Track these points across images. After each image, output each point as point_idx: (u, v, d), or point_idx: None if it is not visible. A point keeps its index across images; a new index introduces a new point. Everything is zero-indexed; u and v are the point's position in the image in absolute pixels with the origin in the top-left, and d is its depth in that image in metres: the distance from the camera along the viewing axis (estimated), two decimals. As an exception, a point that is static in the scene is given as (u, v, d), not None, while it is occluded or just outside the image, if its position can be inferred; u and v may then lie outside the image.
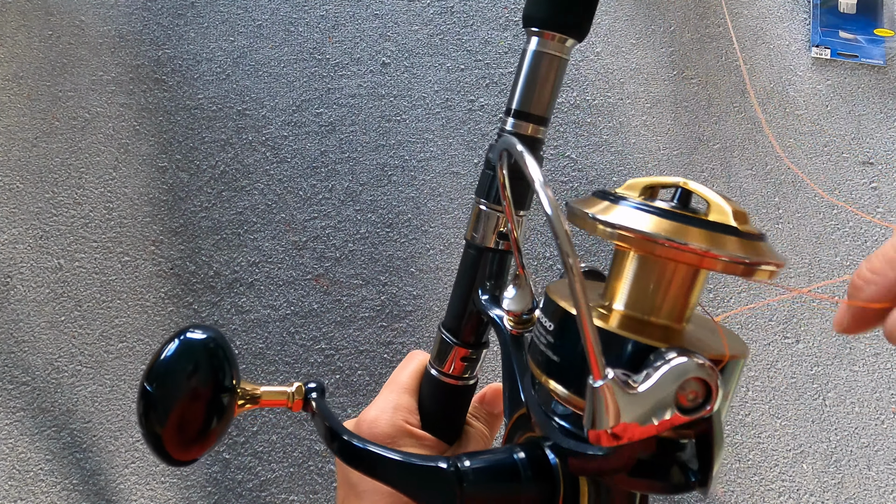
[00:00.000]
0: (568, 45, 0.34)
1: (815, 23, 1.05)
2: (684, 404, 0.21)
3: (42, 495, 0.81)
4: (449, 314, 0.38)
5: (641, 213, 0.22)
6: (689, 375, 0.20)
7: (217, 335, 0.29)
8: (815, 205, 0.99)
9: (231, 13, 0.95)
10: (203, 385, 0.27)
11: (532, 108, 0.34)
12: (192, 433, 0.27)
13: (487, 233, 0.36)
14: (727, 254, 0.22)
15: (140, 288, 0.87)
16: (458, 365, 0.38)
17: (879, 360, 0.95)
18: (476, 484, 0.25)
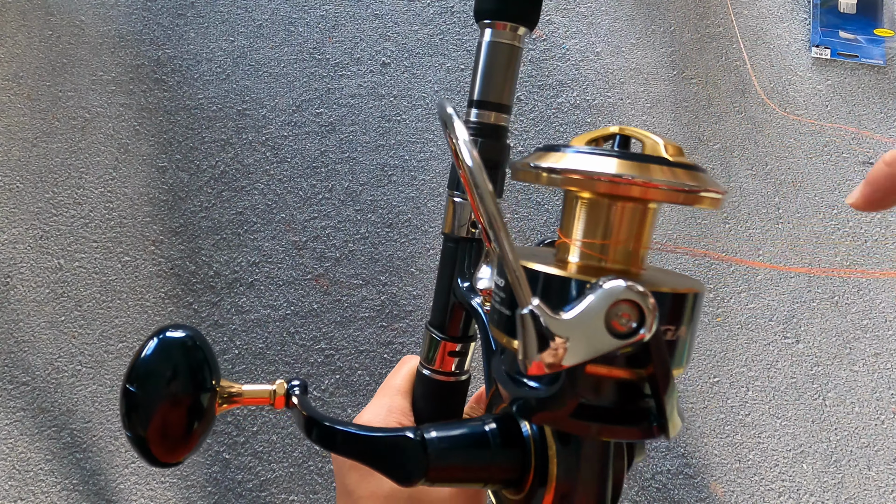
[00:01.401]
0: (520, 33, 0.35)
1: (815, 23, 1.05)
2: (619, 330, 0.20)
3: (42, 495, 0.81)
4: (434, 311, 0.38)
5: (582, 157, 0.23)
6: (617, 298, 0.20)
7: (195, 334, 0.28)
8: (815, 205, 0.99)
9: (231, 13, 0.95)
10: (183, 387, 0.27)
11: (492, 97, 0.35)
12: (175, 435, 0.27)
13: (463, 223, 0.36)
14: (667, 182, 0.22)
15: (140, 288, 0.87)
16: (446, 360, 0.38)
17: (879, 360, 0.95)
18: (442, 452, 0.25)
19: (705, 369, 0.93)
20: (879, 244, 0.99)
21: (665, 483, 0.88)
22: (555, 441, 0.25)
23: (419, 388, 0.39)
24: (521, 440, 0.26)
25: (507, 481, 0.26)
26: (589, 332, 0.21)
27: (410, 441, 0.25)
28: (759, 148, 1.00)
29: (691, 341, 0.24)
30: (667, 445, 0.89)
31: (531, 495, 0.26)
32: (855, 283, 0.98)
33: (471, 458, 0.26)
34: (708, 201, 0.23)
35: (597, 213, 0.25)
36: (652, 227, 0.25)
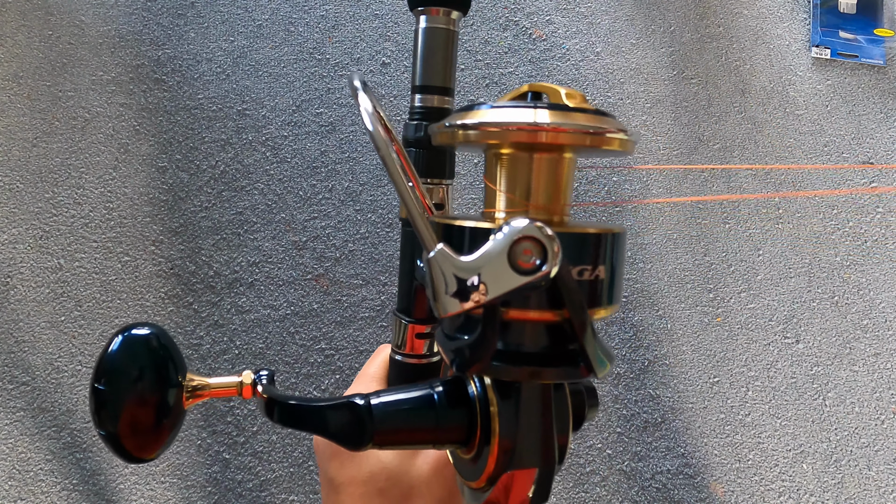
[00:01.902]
0: (454, 17, 0.35)
1: (815, 23, 1.05)
2: (524, 266, 0.21)
3: (42, 495, 0.81)
4: (399, 296, 0.39)
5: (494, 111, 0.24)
6: (518, 235, 0.21)
7: (159, 331, 0.29)
8: (815, 205, 0.99)
9: (231, 13, 0.95)
10: (149, 383, 0.28)
11: (434, 81, 0.36)
12: (145, 430, 0.27)
13: None
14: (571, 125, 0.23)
15: (140, 288, 0.87)
16: (415, 343, 0.38)
17: (879, 360, 0.95)
18: (387, 416, 0.26)
19: (705, 369, 0.93)
20: (879, 244, 0.99)
21: (665, 483, 0.88)
22: (496, 396, 0.25)
23: (392, 373, 0.40)
24: (468, 400, 0.26)
25: (456, 442, 0.27)
26: (495, 270, 0.21)
27: (357, 406, 0.26)
28: (759, 148, 1.00)
29: (615, 283, 0.25)
30: (667, 445, 0.89)
31: (478, 454, 0.26)
32: (855, 282, 0.98)
33: (417, 420, 0.26)
34: (616, 142, 0.24)
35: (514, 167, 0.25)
36: (570, 177, 0.26)
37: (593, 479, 0.87)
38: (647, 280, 0.94)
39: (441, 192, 0.36)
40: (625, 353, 0.92)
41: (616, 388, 0.91)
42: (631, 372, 0.91)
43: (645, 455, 0.89)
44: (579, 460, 0.88)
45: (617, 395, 0.90)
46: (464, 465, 0.28)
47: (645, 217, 0.96)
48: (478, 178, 0.94)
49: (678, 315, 0.94)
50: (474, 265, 0.21)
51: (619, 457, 0.89)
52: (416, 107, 0.36)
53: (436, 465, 0.33)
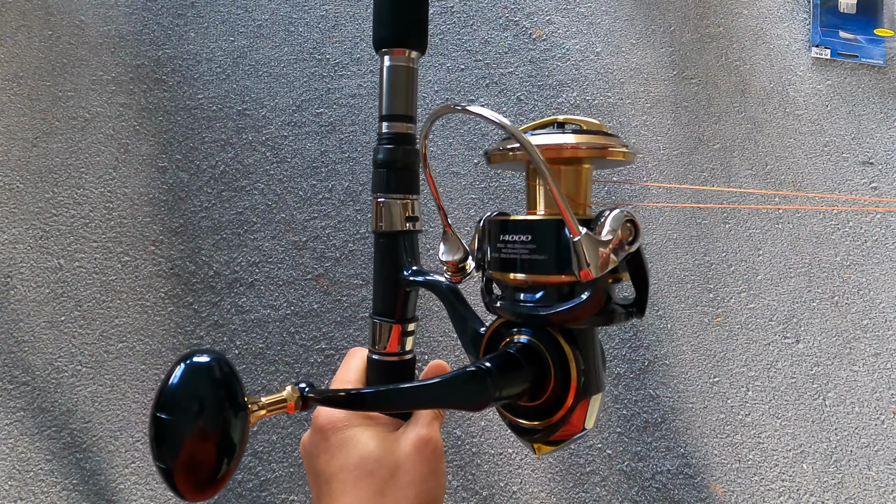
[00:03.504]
0: (413, 56, 0.42)
1: (815, 23, 1.05)
2: (626, 240, 0.31)
3: (42, 495, 0.81)
4: (377, 300, 0.43)
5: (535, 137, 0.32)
6: (624, 218, 0.31)
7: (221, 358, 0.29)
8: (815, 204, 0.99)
9: (231, 13, 0.95)
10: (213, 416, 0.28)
11: (399, 110, 0.42)
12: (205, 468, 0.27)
13: (395, 219, 0.42)
14: (586, 143, 0.32)
15: (140, 288, 0.87)
16: (397, 341, 0.42)
17: (879, 360, 0.95)
18: (502, 377, 0.32)
19: (705, 369, 0.93)
20: (879, 244, 0.99)
21: (665, 483, 0.88)
22: (572, 351, 0.33)
23: (373, 373, 0.43)
24: (537, 352, 0.34)
25: (533, 391, 0.34)
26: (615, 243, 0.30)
27: (483, 374, 0.32)
28: (759, 148, 1.00)
29: None
30: (667, 445, 0.89)
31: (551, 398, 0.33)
32: (855, 282, 0.98)
33: (516, 377, 0.33)
34: (619, 154, 0.33)
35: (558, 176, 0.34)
36: (589, 181, 0.35)
37: (593, 479, 0.87)
38: (647, 280, 0.94)
39: (413, 205, 0.42)
40: (625, 353, 0.92)
41: (616, 388, 0.91)
42: (631, 372, 0.91)
43: (645, 455, 0.89)
44: (579, 460, 0.88)
45: (617, 395, 0.90)
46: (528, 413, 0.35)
47: (645, 217, 0.96)
48: (477, 179, 0.94)
49: (678, 315, 0.94)
50: (605, 242, 0.30)
51: (619, 457, 0.89)
52: (384, 133, 0.42)
53: (416, 445, 0.37)
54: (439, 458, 0.38)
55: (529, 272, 0.33)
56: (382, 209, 0.41)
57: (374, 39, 0.42)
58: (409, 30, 0.41)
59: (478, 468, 0.85)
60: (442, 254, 0.39)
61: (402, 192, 0.41)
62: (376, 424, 0.39)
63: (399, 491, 0.36)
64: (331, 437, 0.38)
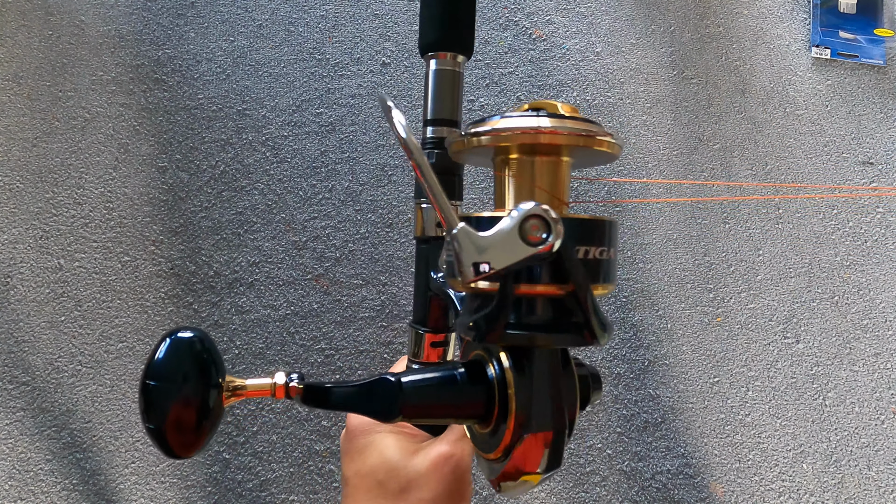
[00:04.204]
0: (459, 60, 0.41)
1: (815, 23, 1.05)
2: (532, 240, 0.25)
3: (42, 495, 0.81)
4: (415, 308, 0.43)
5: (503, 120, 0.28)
6: (527, 214, 0.25)
7: (203, 335, 0.31)
8: (815, 205, 0.99)
9: (231, 13, 0.95)
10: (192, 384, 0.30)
11: (444, 115, 0.41)
12: (188, 429, 0.29)
13: (430, 225, 0.41)
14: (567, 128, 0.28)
15: (140, 288, 0.87)
16: (430, 352, 0.42)
17: (879, 360, 0.95)
18: (415, 391, 0.30)
19: (705, 369, 0.93)
20: (879, 244, 0.99)
21: (665, 483, 0.88)
22: (512, 371, 0.29)
23: None
24: (486, 379, 0.30)
25: (475, 417, 0.31)
26: (509, 243, 0.25)
27: (389, 382, 0.30)
28: (759, 148, 1.00)
29: (612, 265, 0.30)
30: (667, 445, 0.89)
31: (496, 427, 0.30)
32: (855, 282, 0.98)
33: (441, 395, 0.30)
34: (606, 144, 0.29)
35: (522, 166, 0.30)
36: (567, 177, 0.31)
37: (593, 479, 0.87)
38: (647, 280, 0.94)
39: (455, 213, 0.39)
40: (625, 353, 0.92)
41: (616, 388, 0.91)
42: (631, 372, 0.91)
43: (645, 455, 0.89)
44: (579, 460, 0.88)
45: (617, 395, 0.90)
46: (482, 440, 0.32)
47: (645, 217, 0.96)
48: (477, 179, 0.94)
49: (678, 315, 0.94)
50: (491, 238, 0.25)
51: (619, 457, 0.89)
52: (428, 138, 0.41)
53: (434, 462, 0.35)
54: (460, 480, 0.35)
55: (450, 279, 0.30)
56: (422, 215, 0.41)
57: (420, 43, 0.42)
58: (457, 34, 0.41)
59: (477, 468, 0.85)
60: (441, 261, 0.38)
61: None
62: (402, 434, 0.38)
63: None
64: (355, 439, 0.37)
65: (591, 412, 0.90)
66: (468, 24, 0.41)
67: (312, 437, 0.85)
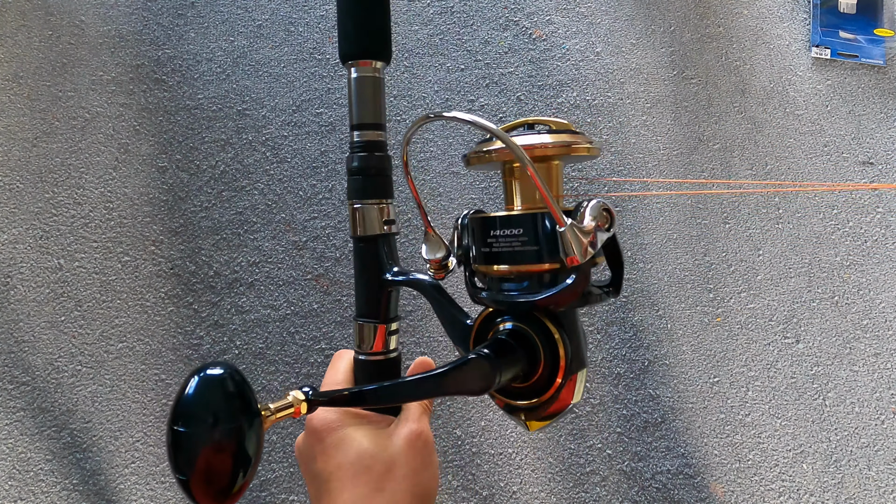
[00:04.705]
0: (378, 66, 0.44)
1: (815, 23, 1.05)
2: (603, 227, 0.33)
3: (42, 495, 0.81)
4: (361, 303, 0.44)
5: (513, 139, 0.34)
6: (601, 207, 0.33)
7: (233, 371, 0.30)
8: (815, 205, 0.99)
9: (231, 13, 0.95)
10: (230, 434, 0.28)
11: (368, 119, 0.43)
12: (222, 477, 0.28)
13: (373, 224, 0.43)
14: (555, 142, 0.35)
15: (140, 288, 0.87)
16: (382, 341, 0.44)
17: (879, 360, 0.95)
18: (500, 359, 0.34)
19: (705, 369, 0.93)
20: (879, 244, 0.99)
21: (665, 483, 0.88)
22: (559, 332, 0.35)
23: (361, 373, 0.44)
24: (526, 337, 0.36)
25: (525, 372, 0.36)
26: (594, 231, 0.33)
27: (486, 359, 0.34)
28: (759, 148, 1.00)
29: None
30: (667, 445, 0.89)
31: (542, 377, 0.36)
32: (855, 282, 0.98)
33: (512, 360, 0.35)
34: (584, 150, 0.36)
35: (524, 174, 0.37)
36: (560, 175, 0.38)
37: (593, 479, 0.87)
38: (647, 280, 0.94)
39: (389, 209, 0.43)
40: (625, 353, 0.92)
41: (616, 388, 0.91)
42: (631, 372, 0.91)
43: (645, 455, 0.89)
44: (579, 460, 0.88)
45: (617, 395, 0.90)
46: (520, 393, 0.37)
47: (645, 217, 0.96)
48: (477, 179, 0.94)
49: (678, 315, 0.94)
50: (587, 230, 0.33)
51: (619, 457, 0.89)
52: (355, 141, 0.43)
53: (408, 440, 0.39)
54: (431, 451, 0.40)
55: (516, 263, 0.36)
56: (359, 215, 0.43)
57: (339, 53, 0.44)
58: (373, 42, 0.43)
59: (478, 468, 0.85)
60: (425, 253, 0.41)
61: (377, 197, 0.43)
62: (368, 423, 0.40)
63: (395, 484, 0.37)
64: (326, 438, 0.39)
65: (592, 412, 0.90)
66: (384, 32, 0.44)
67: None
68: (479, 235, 0.37)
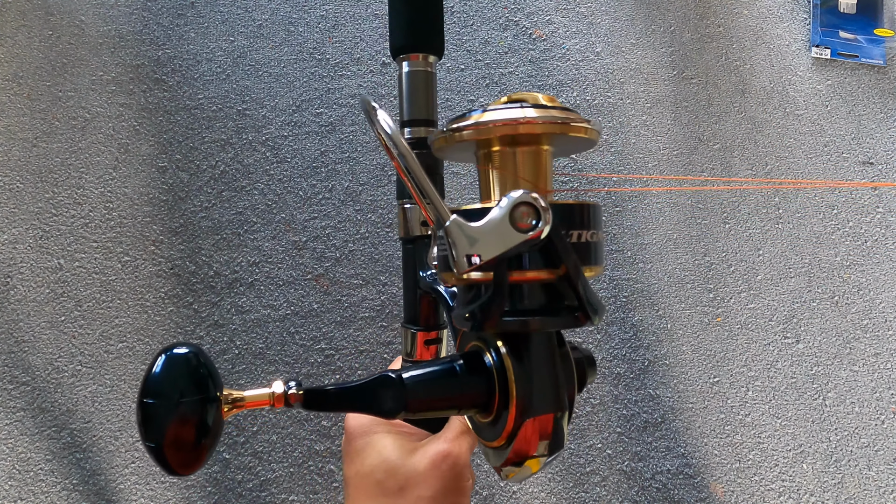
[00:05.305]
0: (431, 60, 0.41)
1: (815, 23, 1.05)
2: (523, 227, 0.26)
3: (42, 495, 0.81)
4: (405, 309, 0.43)
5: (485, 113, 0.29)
6: (517, 201, 0.26)
7: (198, 350, 0.31)
8: (815, 205, 0.99)
9: (231, 13, 0.95)
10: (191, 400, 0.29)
11: (419, 115, 0.41)
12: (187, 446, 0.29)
13: (415, 225, 0.41)
14: (543, 117, 0.28)
15: (140, 288, 0.87)
16: (423, 350, 0.42)
17: (879, 360, 0.95)
18: (417, 385, 0.30)
19: (705, 369, 0.93)
20: (879, 244, 0.99)
21: (665, 483, 0.88)
22: (511, 361, 0.29)
23: None
24: (485, 369, 0.30)
25: (476, 406, 0.31)
26: (500, 231, 0.26)
27: (391, 379, 0.30)
28: (759, 148, 1.00)
29: (599, 247, 0.30)
30: (667, 445, 0.89)
31: (498, 415, 0.30)
32: (855, 282, 0.98)
33: (443, 388, 0.30)
34: (582, 130, 0.29)
35: (505, 157, 0.31)
36: (549, 165, 0.31)
37: (593, 479, 0.87)
38: (647, 280, 0.94)
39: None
40: (625, 353, 0.92)
41: (616, 388, 0.91)
42: (631, 372, 0.91)
43: (645, 455, 0.89)
44: (579, 460, 0.88)
45: (617, 395, 0.90)
46: (484, 429, 0.32)
47: (645, 217, 0.96)
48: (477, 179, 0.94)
49: (678, 315, 0.94)
50: (483, 228, 0.26)
51: (619, 457, 0.89)
52: (406, 139, 0.41)
53: (433, 460, 0.35)
54: (458, 476, 0.35)
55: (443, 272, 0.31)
56: (405, 215, 0.42)
57: (391, 47, 0.42)
58: (426, 35, 0.42)
59: (478, 468, 0.85)
60: (430, 255, 0.38)
61: None
62: (400, 433, 0.38)
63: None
64: (354, 441, 0.38)
65: (592, 412, 0.90)
66: (437, 25, 0.42)
67: (312, 437, 0.85)
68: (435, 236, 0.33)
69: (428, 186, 0.27)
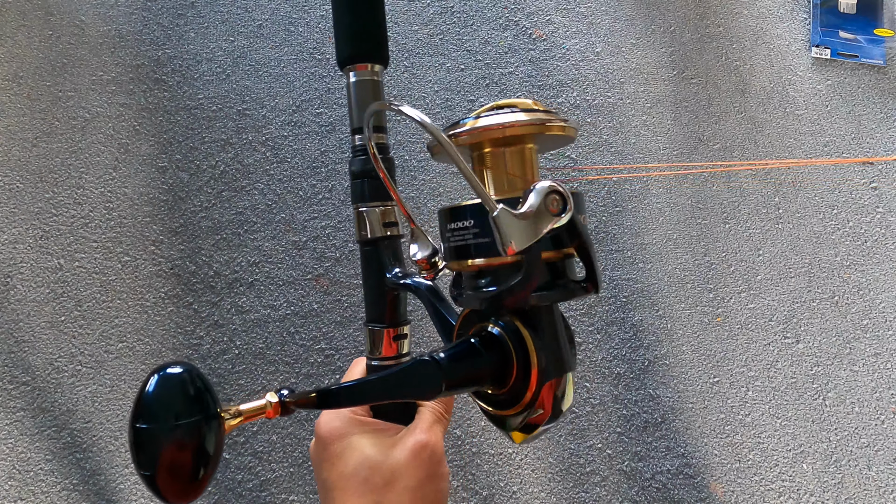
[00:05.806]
0: (377, 69, 0.43)
1: (815, 23, 1.05)
2: (553, 211, 0.30)
3: (42, 495, 0.81)
4: (368, 308, 0.45)
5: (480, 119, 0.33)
6: (548, 190, 0.30)
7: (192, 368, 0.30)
8: (815, 205, 0.99)
9: (231, 13, 0.95)
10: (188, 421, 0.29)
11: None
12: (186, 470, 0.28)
13: (375, 226, 0.44)
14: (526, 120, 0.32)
15: (140, 288, 0.87)
16: (391, 346, 0.44)
17: (879, 360, 0.95)
18: (452, 366, 0.32)
19: (705, 369, 0.93)
20: (879, 244, 0.99)
21: (665, 483, 0.88)
22: (529, 333, 0.32)
23: None
24: (497, 340, 0.33)
25: (495, 378, 0.33)
26: (537, 216, 0.30)
27: (429, 363, 0.32)
28: (759, 148, 1.00)
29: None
30: (667, 445, 0.89)
31: (517, 383, 0.33)
32: (855, 282, 0.98)
33: (471, 366, 0.33)
34: (557, 128, 0.33)
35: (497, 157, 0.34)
36: (534, 160, 0.35)
37: (593, 479, 0.87)
38: (647, 280, 0.94)
39: (391, 211, 0.44)
40: (625, 353, 0.92)
41: (616, 388, 0.91)
42: (631, 372, 0.91)
43: (645, 455, 0.89)
44: (579, 460, 0.88)
45: (617, 395, 0.90)
46: (497, 401, 0.34)
47: (645, 217, 0.96)
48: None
49: (678, 315, 0.94)
50: (524, 214, 0.29)
51: (619, 457, 0.89)
52: (357, 145, 0.43)
53: (413, 451, 0.37)
54: (437, 463, 0.38)
55: (476, 256, 0.33)
56: (362, 219, 0.43)
57: (337, 57, 0.44)
58: (371, 46, 0.43)
59: (478, 468, 0.85)
60: (413, 253, 0.41)
61: (379, 200, 0.44)
62: (375, 431, 0.39)
63: (396, 496, 0.36)
64: (330, 446, 0.38)
65: (592, 412, 0.90)
66: (381, 35, 0.44)
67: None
68: (444, 228, 0.35)
69: (475, 180, 0.29)
